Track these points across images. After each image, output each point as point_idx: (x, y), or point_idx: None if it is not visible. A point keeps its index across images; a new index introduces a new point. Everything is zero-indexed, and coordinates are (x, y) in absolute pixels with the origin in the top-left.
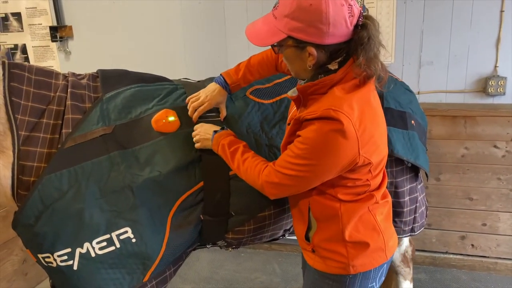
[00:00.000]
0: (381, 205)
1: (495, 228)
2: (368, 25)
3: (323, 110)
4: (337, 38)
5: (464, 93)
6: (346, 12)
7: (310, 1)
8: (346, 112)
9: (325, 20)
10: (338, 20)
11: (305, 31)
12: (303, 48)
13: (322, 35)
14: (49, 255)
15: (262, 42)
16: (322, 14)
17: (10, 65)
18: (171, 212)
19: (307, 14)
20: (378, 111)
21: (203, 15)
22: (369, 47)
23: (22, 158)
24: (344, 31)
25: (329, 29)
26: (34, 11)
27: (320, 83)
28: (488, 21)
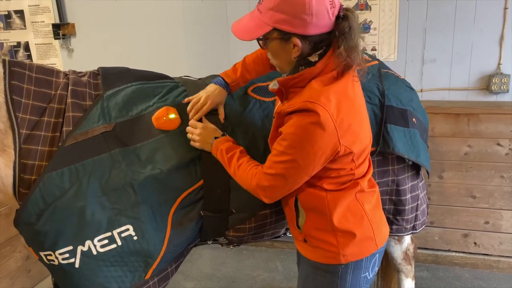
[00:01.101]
0: (368, 193)
1: (498, 226)
2: (348, 16)
3: (301, 103)
4: (320, 29)
5: (467, 91)
6: (328, 4)
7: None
8: (323, 103)
9: (308, 11)
10: (321, 11)
11: (289, 22)
12: (288, 40)
13: (306, 26)
14: (51, 253)
15: (248, 36)
16: (306, 6)
17: (10, 63)
18: (172, 209)
19: (291, 6)
20: (357, 102)
21: (205, 13)
22: (350, 37)
23: (23, 157)
24: (326, 21)
25: (312, 20)
26: (36, 9)
27: (300, 76)
28: (491, 19)
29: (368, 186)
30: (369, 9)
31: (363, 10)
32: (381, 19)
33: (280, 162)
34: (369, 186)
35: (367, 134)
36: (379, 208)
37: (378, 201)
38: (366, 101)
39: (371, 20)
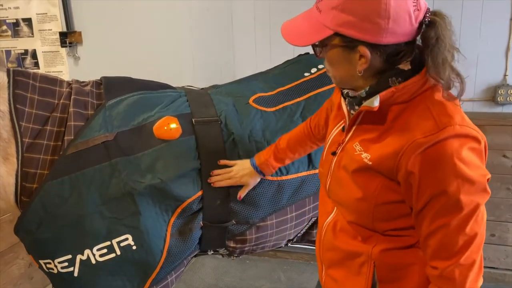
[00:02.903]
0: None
1: (504, 239)
2: (436, 23)
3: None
4: (398, 37)
5: (473, 102)
6: (411, 5)
7: None
8: (471, 127)
9: (384, 13)
10: (401, 14)
11: (357, 26)
12: (354, 48)
13: (379, 32)
14: (50, 261)
15: (303, 40)
16: (381, 6)
17: (15, 72)
18: (171, 219)
19: (362, 5)
20: None
21: (211, 22)
22: (437, 50)
23: (25, 165)
24: (407, 28)
25: (388, 25)
26: (44, 17)
27: (405, 89)
28: (497, 30)
29: None
30: None
31: None
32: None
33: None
34: None
35: None
36: None
37: None
38: None
39: None
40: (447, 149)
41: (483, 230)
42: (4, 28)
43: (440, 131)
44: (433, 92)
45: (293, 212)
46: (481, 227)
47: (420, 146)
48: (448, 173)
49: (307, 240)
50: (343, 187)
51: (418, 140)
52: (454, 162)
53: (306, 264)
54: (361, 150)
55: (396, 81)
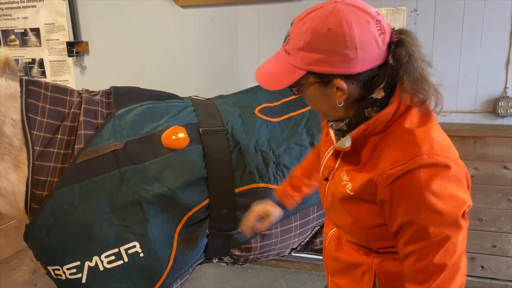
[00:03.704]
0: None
1: (505, 250)
2: (405, 41)
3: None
4: (369, 63)
5: (474, 114)
6: (375, 30)
7: (328, 25)
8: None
9: (350, 44)
10: (367, 41)
11: (327, 62)
12: (329, 83)
13: (350, 63)
14: (59, 268)
15: (277, 84)
16: (346, 37)
17: (27, 82)
18: (178, 227)
19: (327, 41)
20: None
21: (215, 33)
22: (412, 67)
23: (36, 173)
24: (376, 52)
25: (357, 54)
26: (52, 27)
27: (376, 122)
28: (497, 43)
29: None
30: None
31: None
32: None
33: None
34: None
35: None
36: None
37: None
38: None
39: None
40: (415, 180)
41: (456, 262)
42: (12, 37)
43: (408, 161)
44: (405, 119)
45: (298, 220)
46: (452, 258)
47: (389, 177)
48: (416, 204)
49: (310, 248)
50: (336, 212)
51: (387, 172)
52: (422, 194)
53: (308, 274)
54: (347, 180)
55: (372, 111)
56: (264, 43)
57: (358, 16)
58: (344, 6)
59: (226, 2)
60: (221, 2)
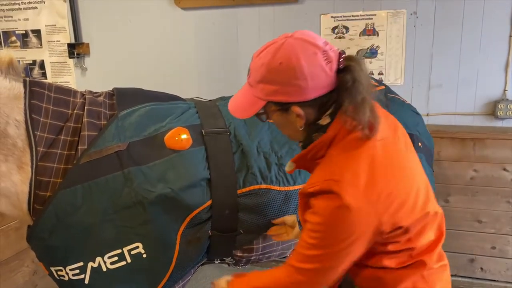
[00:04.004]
0: (437, 271)
1: (504, 251)
2: (351, 67)
3: (323, 182)
4: (320, 90)
5: (473, 116)
6: (322, 60)
7: (279, 60)
8: (348, 181)
9: (300, 75)
10: (315, 71)
11: (283, 92)
12: (288, 110)
13: (303, 91)
14: (62, 269)
15: (244, 114)
16: (296, 70)
17: (31, 83)
18: (181, 228)
19: (280, 74)
20: (401, 161)
21: (216, 35)
22: (355, 91)
23: (39, 174)
24: (325, 80)
25: (308, 83)
26: (53, 29)
27: (314, 148)
28: (497, 46)
29: (437, 259)
30: (377, 35)
31: (371, 35)
32: (388, 44)
33: (313, 256)
34: (438, 259)
35: (423, 196)
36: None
37: (448, 279)
38: None
39: (378, 45)
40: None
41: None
42: (13, 39)
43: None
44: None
45: None
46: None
47: (301, 193)
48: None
49: None
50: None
51: (305, 188)
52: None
53: None
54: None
55: (319, 136)
56: None
57: (305, 48)
58: (293, 40)
59: (227, 4)
60: (222, 4)
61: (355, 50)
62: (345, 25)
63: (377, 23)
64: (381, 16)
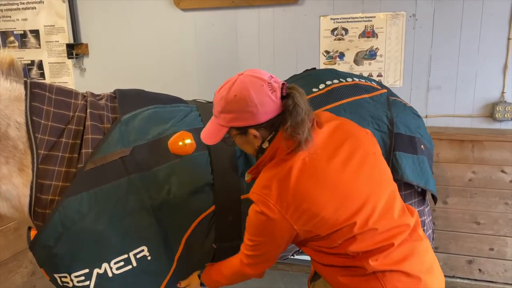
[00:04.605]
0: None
1: (502, 253)
2: (292, 94)
3: (251, 193)
4: (270, 114)
5: (472, 118)
6: (267, 90)
7: (233, 93)
8: (263, 193)
9: (251, 103)
10: (263, 99)
11: (240, 118)
12: (246, 132)
13: (255, 116)
14: (66, 275)
15: (213, 139)
16: (247, 100)
17: (31, 84)
18: (186, 233)
19: (235, 104)
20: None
21: (216, 36)
22: (295, 113)
23: (40, 177)
24: (272, 106)
25: (259, 109)
26: (52, 29)
27: (260, 164)
28: (495, 48)
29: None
30: (376, 37)
31: (370, 37)
32: (387, 46)
33: (250, 245)
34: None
35: (343, 208)
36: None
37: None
38: (375, 128)
39: (378, 47)
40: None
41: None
42: (11, 39)
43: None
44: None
45: None
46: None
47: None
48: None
49: None
50: None
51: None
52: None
53: (307, 276)
54: None
55: (260, 156)
56: (264, 46)
57: (253, 82)
58: (244, 77)
59: (226, 5)
60: (222, 5)
61: (354, 52)
62: (345, 27)
63: (376, 25)
64: (380, 18)
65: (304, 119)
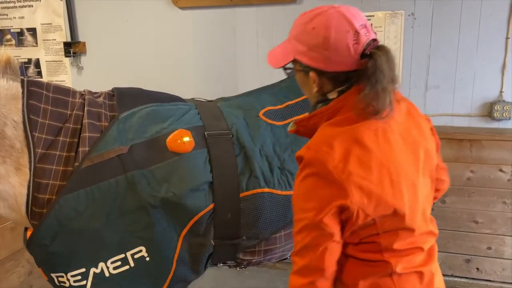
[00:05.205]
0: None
1: (500, 252)
2: (376, 55)
3: (303, 150)
4: (340, 66)
5: (470, 117)
6: (351, 39)
7: (313, 24)
8: (323, 151)
9: (326, 45)
10: (340, 46)
11: (308, 55)
12: (307, 73)
13: (324, 61)
14: (63, 275)
15: (275, 63)
16: (324, 39)
17: (28, 82)
18: (183, 231)
19: (310, 37)
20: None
21: (214, 35)
22: (374, 79)
23: (37, 176)
24: (347, 59)
25: (330, 55)
26: (49, 27)
27: (315, 116)
28: (494, 47)
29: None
30: None
31: None
32: (386, 45)
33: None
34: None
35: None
36: None
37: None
38: None
39: None
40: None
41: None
42: (8, 37)
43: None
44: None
45: None
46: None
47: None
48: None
49: None
50: None
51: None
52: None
53: None
54: None
55: (322, 106)
56: (262, 45)
57: (340, 23)
58: (335, 12)
59: (225, 4)
60: (220, 4)
61: None
62: None
63: (375, 24)
64: (379, 17)
65: (385, 88)
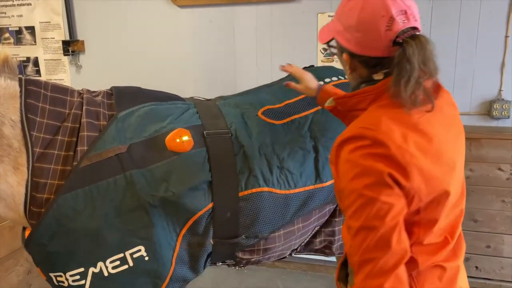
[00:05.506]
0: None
1: (499, 250)
2: (406, 44)
3: (357, 129)
4: (370, 51)
5: (469, 116)
6: (383, 25)
7: (351, 5)
8: (384, 132)
9: (358, 27)
10: (371, 31)
11: (343, 35)
12: (342, 54)
13: (355, 43)
14: (61, 274)
15: (321, 39)
16: (358, 21)
17: (26, 81)
18: (182, 231)
19: (346, 17)
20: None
21: (213, 33)
22: (400, 69)
23: (35, 175)
24: (377, 44)
25: (361, 38)
26: (47, 25)
27: (359, 95)
28: (493, 46)
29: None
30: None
31: None
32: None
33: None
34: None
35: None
36: None
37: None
38: None
39: None
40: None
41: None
42: (6, 35)
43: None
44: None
45: (300, 223)
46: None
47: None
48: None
49: (310, 249)
50: None
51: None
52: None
53: (304, 274)
54: None
55: (367, 85)
56: (261, 43)
57: (377, 7)
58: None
59: (224, 2)
60: (219, 2)
61: None
62: None
63: None
64: None
65: (409, 79)
